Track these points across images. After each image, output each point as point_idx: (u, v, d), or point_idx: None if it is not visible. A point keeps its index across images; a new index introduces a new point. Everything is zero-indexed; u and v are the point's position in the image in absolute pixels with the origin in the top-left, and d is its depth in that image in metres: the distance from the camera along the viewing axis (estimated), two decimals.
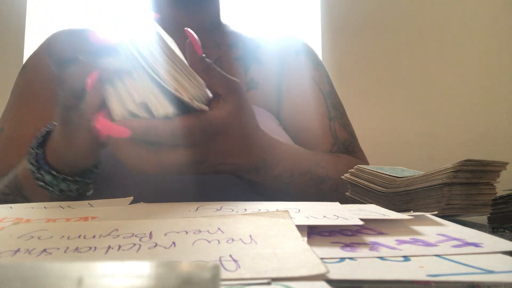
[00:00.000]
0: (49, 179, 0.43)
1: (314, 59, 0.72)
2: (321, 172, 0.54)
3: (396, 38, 1.43)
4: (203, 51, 0.41)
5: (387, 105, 1.40)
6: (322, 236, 0.26)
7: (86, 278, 0.13)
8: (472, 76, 1.40)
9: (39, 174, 0.43)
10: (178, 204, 0.37)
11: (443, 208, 0.40)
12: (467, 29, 1.41)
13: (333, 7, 1.44)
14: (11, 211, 0.34)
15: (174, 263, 0.14)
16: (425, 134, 1.37)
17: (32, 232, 0.25)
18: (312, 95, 0.67)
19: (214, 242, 0.22)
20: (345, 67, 1.41)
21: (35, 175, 0.43)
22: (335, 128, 0.65)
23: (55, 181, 0.43)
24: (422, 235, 0.26)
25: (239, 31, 0.72)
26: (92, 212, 0.33)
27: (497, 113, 1.37)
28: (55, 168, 0.43)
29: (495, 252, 0.23)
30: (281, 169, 0.48)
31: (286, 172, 0.49)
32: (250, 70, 0.67)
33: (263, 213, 0.29)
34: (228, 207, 0.33)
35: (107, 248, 0.22)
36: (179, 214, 0.31)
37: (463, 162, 0.41)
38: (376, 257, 0.22)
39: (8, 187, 0.50)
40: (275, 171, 0.47)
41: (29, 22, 1.39)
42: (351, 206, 0.35)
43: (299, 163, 0.51)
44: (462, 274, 0.19)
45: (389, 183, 0.45)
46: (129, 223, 0.27)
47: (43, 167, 0.43)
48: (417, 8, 1.43)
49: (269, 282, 0.17)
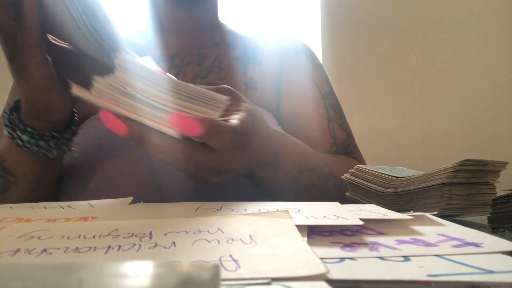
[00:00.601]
0: (26, 138, 0.44)
1: (313, 60, 0.72)
2: (326, 170, 0.54)
3: (396, 38, 1.43)
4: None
5: (387, 105, 1.40)
6: (322, 236, 0.26)
7: (86, 278, 0.13)
8: (472, 76, 1.40)
9: (16, 134, 0.44)
10: (178, 204, 0.37)
11: (443, 208, 0.40)
12: (467, 29, 1.41)
13: (333, 7, 1.44)
14: (11, 211, 0.34)
15: (174, 263, 0.14)
16: (425, 134, 1.37)
17: (32, 232, 0.25)
18: (311, 96, 0.67)
19: (214, 242, 0.22)
20: (345, 67, 1.41)
21: (11, 136, 0.44)
22: (334, 129, 0.65)
23: (33, 140, 0.44)
24: (422, 235, 0.26)
25: (238, 30, 0.72)
26: (92, 212, 0.33)
27: (497, 113, 1.37)
28: (30, 126, 0.44)
29: (495, 252, 0.23)
30: (291, 164, 0.48)
31: (296, 167, 0.49)
32: (249, 70, 0.67)
33: (263, 213, 0.29)
34: (228, 207, 0.33)
35: (107, 248, 0.22)
36: (179, 214, 0.31)
37: (463, 162, 0.41)
38: (376, 257, 0.22)
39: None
40: (286, 167, 0.48)
41: None
42: (351, 206, 0.35)
43: (307, 158, 0.51)
44: (462, 274, 0.19)
45: (389, 183, 0.45)
46: (129, 223, 0.27)
47: (18, 126, 0.44)
48: (417, 8, 1.43)
49: (269, 282, 0.17)
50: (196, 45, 0.66)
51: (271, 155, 0.45)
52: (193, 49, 0.66)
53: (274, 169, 0.46)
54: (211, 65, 0.65)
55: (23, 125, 0.44)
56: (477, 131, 1.36)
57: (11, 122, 0.44)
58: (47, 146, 0.45)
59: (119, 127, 0.33)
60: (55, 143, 0.45)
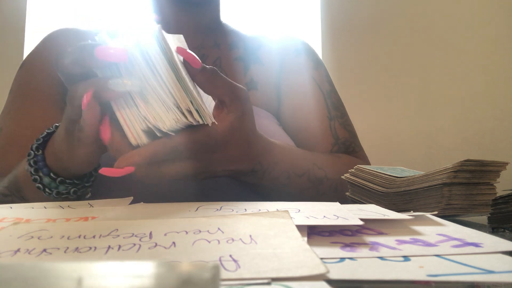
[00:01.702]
0: (47, 181, 0.43)
1: (314, 59, 0.72)
2: (319, 173, 0.54)
3: (396, 38, 1.42)
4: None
5: (387, 105, 1.40)
6: (322, 236, 0.26)
7: (86, 278, 0.13)
8: (472, 76, 1.40)
9: (38, 176, 0.43)
10: (178, 204, 0.37)
11: (443, 208, 0.40)
12: (467, 29, 1.41)
13: (333, 7, 1.44)
14: (11, 211, 0.34)
15: (174, 263, 0.14)
16: (424, 134, 1.37)
17: (32, 232, 0.25)
18: (312, 95, 0.67)
19: (214, 242, 0.22)
20: (345, 67, 1.41)
21: (33, 176, 0.43)
22: (335, 128, 0.65)
23: (54, 184, 0.43)
24: (422, 235, 0.26)
25: (240, 30, 0.72)
26: (92, 212, 0.33)
27: (497, 113, 1.37)
28: (54, 171, 0.43)
29: (495, 252, 0.23)
30: (277, 172, 0.48)
31: (283, 174, 0.49)
32: (250, 70, 0.67)
33: (263, 213, 0.29)
34: (228, 207, 0.33)
35: (107, 248, 0.22)
36: (179, 214, 0.31)
37: (463, 162, 0.41)
38: (376, 257, 0.22)
39: (8, 188, 0.50)
40: (272, 174, 0.47)
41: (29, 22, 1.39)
42: (351, 206, 0.35)
43: (296, 165, 0.51)
44: (462, 274, 0.19)
45: (389, 183, 0.45)
46: (129, 223, 0.27)
47: (42, 169, 0.43)
48: (417, 8, 1.43)
49: (269, 282, 0.17)
50: (197, 46, 0.66)
51: (253, 164, 0.45)
52: (194, 50, 0.66)
53: (259, 176, 0.47)
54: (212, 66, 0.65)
55: (47, 168, 0.43)
56: (477, 131, 1.36)
57: (36, 163, 0.43)
58: (66, 192, 0.44)
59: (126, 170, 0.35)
60: (74, 191, 0.44)
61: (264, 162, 0.46)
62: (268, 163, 0.46)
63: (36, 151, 0.44)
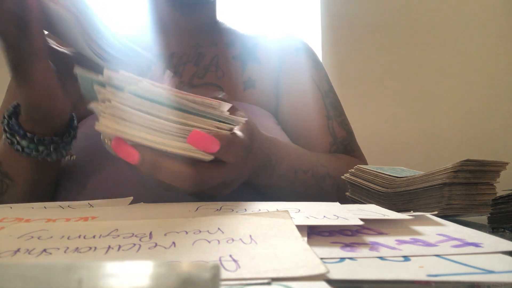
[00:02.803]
0: (25, 144, 0.44)
1: (313, 58, 0.72)
2: (322, 170, 0.54)
3: (396, 38, 1.42)
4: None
5: (387, 105, 1.40)
6: (322, 236, 0.26)
7: (86, 278, 0.13)
8: (472, 76, 1.40)
9: (15, 139, 0.44)
10: (178, 204, 0.37)
11: (443, 208, 0.40)
12: (467, 29, 1.41)
13: (333, 7, 1.44)
14: (11, 211, 0.34)
15: (174, 263, 0.14)
16: (425, 134, 1.37)
17: (32, 232, 0.25)
18: (310, 95, 0.67)
19: (214, 242, 0.22)
20: (345, 67, 1.41)
21: (11, 141, 0.44)
22: (333, 127, 0.65)
23: (32, 145, 0.44)
24: (422, 235, 0.26)
25: (238, 29, 0.72)
26: (92, 212, 0.33)
27: (497, 113, 1.37)
28: (30, 131, 0.44)
29: (495, 252, 0.23)
30: (285, 167, 0.48)
31: (291, 170, 0.49)
32: (248, 68, 0.67)
33: (263, 213, 0.29)
34: (228, 207, 0.33)
35: (107, 248, 0.22)
36: (179, 214, 0.31)
37: (463, 162, 0.41)
38: (376, 257, 0.22)
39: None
40: (281, 170, 0.48)
41: None
42: (351, 206, 0.35)
43: (301, 160, 0.52)
44: (462, 274, 0.19)
45: (389, 183, 0.45)
46: (129, 223, 0.27)
47: (17, 132, 0.44)
48: (417, 8, 1.43)
49: (269, 282, 0.17)
50: (194, 45, 0.67)
51: (265, 160, 0.45)
52: (191, 48, 0.66)
53: (269, 173, 0.47)
54: (209, 65, 0.65)
55: (23, 130, 0.44)
56: (477, 131, 1.36)
57: (10, 128, 0.44)
58: (47, 150, 0.45)
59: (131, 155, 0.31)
60: (55, 148, 0.45)
61: (273, 156, 0.46)
62: (276, 157, 0.47)
63: (9, 118, 0.45)
